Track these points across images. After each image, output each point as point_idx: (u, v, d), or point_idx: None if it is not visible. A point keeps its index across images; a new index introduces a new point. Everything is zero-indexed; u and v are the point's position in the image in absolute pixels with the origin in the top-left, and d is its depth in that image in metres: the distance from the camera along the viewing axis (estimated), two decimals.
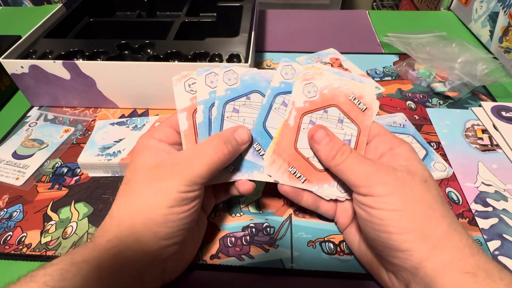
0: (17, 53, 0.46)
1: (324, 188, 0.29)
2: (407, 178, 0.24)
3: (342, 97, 0.29)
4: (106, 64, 0.43)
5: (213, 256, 0.31)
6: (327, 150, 0.27)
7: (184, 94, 0.29)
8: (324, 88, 0.29)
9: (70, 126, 0.46)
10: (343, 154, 0.26)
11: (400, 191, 0.24)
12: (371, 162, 0.26)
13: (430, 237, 0.22)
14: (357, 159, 0.26)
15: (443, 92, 0.49)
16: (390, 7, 1.57)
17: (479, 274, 0.21)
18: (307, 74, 0.29)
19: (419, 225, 0.23)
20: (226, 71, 0.30)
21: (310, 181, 0.29)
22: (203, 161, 0.25)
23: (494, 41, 0.56)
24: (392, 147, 0.27)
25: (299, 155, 0.29)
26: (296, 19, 0.70)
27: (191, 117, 0.29)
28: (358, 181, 0.25)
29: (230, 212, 0.35)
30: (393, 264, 0.25)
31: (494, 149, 0.41)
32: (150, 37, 0.49)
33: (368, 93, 0.29)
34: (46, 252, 0.32)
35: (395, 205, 0.23)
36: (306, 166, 0.29)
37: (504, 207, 0.34)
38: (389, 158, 0.27)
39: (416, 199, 0.24)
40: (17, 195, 0.37)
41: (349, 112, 0.29)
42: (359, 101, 0.29)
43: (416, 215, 0.23)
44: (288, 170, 0.29)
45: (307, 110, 0.29)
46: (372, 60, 0.57)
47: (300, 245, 0.32)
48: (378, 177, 0.25)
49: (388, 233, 0.23)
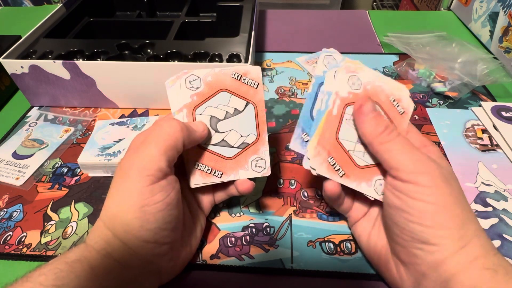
0: (17, 53, 0.46)
1: (362, 186, 0.28)
2: (448, 175, 0.24)
3: (383, 96, 0.28)
4: (106, 64, 0.43)
5: (213, 256, 0.31)
6: (374, 123, 0.26)
7: (183, 91, 0.29)
8: (367, 83, 0.28)
9: (70, 126, 0.46)
10: (391, 133, 0.25)
11: (443, 186, 0.24)
12: (419, 151, 0.25)
13: (464, 236, 0.23)
14: (406, 143, 0.25)
15: (443, 92, 0.49)
16: (390, 7, 1.57)
17: (499, 270, 0.22)
18: (350, 67, 0.28)
19: (456, 224, 0.23)
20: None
21: (348, 176, 0.28)
22: (158, 145, 0.25)
23: (494, 41, 0.56)
24: (424, 145, 0.27)
25: (339, 145, 0.28)
26: (296, 19, 0.70)
27: (191, 114, 0.29)
28: (402, 166, 0.24)
29: (230, 212, 0.35)
30: (414, 255, 0.24)
31: (494, 149, 0.41)
32: (150, 37, 0.49)
33: (406, 98, 0.29)
34: (46, 252, 0.32)
35: (438, 200, 0.23)
36: (346, 160, 0.28)
37: (504, 207, 0.34)
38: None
39: (456, 198, 0.24)
40: (17, 195, 0.37)
41: (388, 112, 0.28)
42: (398, 103, 0.29)
43: (456, 214, 0.23)
44: (327, 161, 0.28)
45: (351, 101, 0.28)
46: (372, 60, 0.57)
47: (300, 245, 0.32)
48: (425, 167, 0.24)
49: (422, 225, 0.23)
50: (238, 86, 0.29)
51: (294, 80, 0.53)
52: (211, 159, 0.30)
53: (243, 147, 0.30)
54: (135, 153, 0.25)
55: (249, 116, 0.30)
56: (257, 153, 0.30)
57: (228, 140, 0.30)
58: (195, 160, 0.29)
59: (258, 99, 0.30)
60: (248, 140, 0.30)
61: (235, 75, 0.29)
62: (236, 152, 0.30)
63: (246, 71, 0.29)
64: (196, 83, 0.29)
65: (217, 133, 0.30)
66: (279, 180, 0.38)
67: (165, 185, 0.25)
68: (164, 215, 0.25)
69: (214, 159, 0.30)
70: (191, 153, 0.29)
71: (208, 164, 0.30)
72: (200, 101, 0.29)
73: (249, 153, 0.30)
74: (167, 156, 0.25)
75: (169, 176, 0.26)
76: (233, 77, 0.29)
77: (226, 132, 0.30)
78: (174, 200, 0.25)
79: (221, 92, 0.29)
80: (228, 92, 0.29)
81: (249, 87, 0.30)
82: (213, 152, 0.30)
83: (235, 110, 0.30)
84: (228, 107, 0.30)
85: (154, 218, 0.24)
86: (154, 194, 0.24)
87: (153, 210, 0.24)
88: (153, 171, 0.24)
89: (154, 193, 0.24)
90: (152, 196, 0.24)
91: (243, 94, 0.30)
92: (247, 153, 0.30)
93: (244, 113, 0.30)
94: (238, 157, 0.30)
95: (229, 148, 0.30)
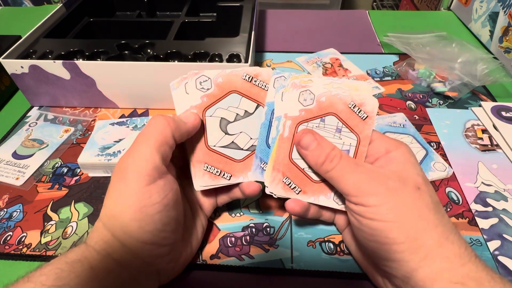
0: (17, 53, 0.46)
1: (320, 200, 0.29)
2: (398, 186, 0.24)
3: (340, 104, 0.27)
4: (106, 64, 0.43)
5: (213, 256, 0.31)
6: (315, 155, 0.26)
7: (193, 92, 0.28)
8: (321, 95, 0.27)
9: (70, 126, 0.46)
10: (333, 160, 0.25)
11: (391, 201, 0.23)
12: (362, 170, 0.25)
13: (421, 247, 0.22)
14: (348, 166, 0.25)
15: (443, 92, 0.49)
16: (390, 7, 1.57)
17: (468, 284, 0.21)
18: (296, 84, 0.28)
19: (410, 236, 0.22)
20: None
21: (305, 192, 0.28)
22: (149, 143, 0.25)
23: (494, 41, 0.56)
24: (388, 150, 0.26)
25: (293, 165, 0.28)
26: (296, 19, 0.70)
27: (201, 115, 0.29)
28: (349, 190, 0.25)
29: (230, 212, 0.35)
30: (384, 271, 0.25)
31: (494, 149, 0.41)
32: (150, 37, 0.49)
33: (368, 99, 0.28)
34: (46, 252, 0.32)
35: (386, 216, 0.23)
36: (301, 177, 0.28)
37: (504, 207, 0.34)
38: (384, 162, 0.26)
39: (408, 209, 0.23)
40: (17, 195, 0.37)
41: (347, 121, 0.28)
42: (359, 108, 0.27)
43: (407, 226, 0.23)
44: (283, 181, 0.28)
45: (303, 119, 0.28)
46: (372, 60, 0.57)
47: (300, 245, 0.32)
48: (369, 187, 0.24)
49: (378, 243, 0.23)
50: (249, 88, 0.29)
51: None
52: (220, 161, 0.29)
53: (253, 149, 0.30)
54: (128, 154, 0.25)
55: (259, 119, 0.30)
56: None
57: (238, 142, 0.30)
58: (203, 161, 0.29)
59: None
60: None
61: (246, 76, 0.29)
62: (246, 155, 0.30)
63: (258, 73, 0.29)
64: (206, 84, 0.28)
65: (226, 135, 0.29)
66: None
67: (163, 185, 0.25)
68: (162, 217, 0.24)
69: (223, 161, 0.29)
70: (199, 155, 0.29)
71: (217, 166, 0.29)
72: (210, 103, 0.29)
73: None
74: (160, 153, 0.25)
75: (166, 175, 0.25)
76: (244, 79, 0.29)
77: (236, 134, 0.30)
78: (172, 201, 0.25)
79: (232, 93, 0.29)
80: (238, 93, 0.29)
81: (260, 89, 0.29)
82: (222, 154, 0.29)
83: (245, 112, 0.29)
84: (239, 109, 0.29)
85: (152, 219, 0.24)
86: (152, 195, 0.24)
87: (151, 211, 0.24)
88: (149, 170, 0.24)
89: (152, 194, 0.24)
90: (150, 197, 0.24)
91: (253, 96, 0.29)
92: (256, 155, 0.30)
93: (254, 116, 0.30)
94: (247, 159, 0.30)
95: (239, 150, 0.30)
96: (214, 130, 0.29)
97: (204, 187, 0.29)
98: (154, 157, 0.24)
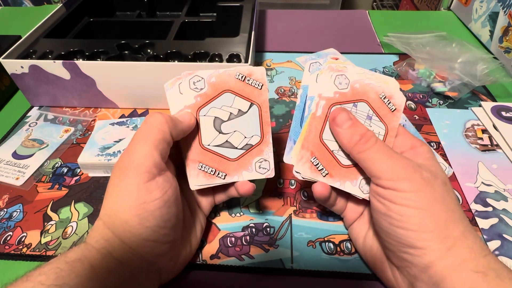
0: (17, 53, 0.46)
1: (346, 185, 0.28)
2: (431, 178, 0.24)
3: (372, 93, 0.28)
4: (106, 64, 0.43)
5: (213, 256, 0.31)
6: (349, 133, 0.26)
7: (187, 92, 0.29)
8: (355, 81, 0.28)
9: (70, 126, 0.46)
10: (368, 141, 0.25)
11: (424, 190, 0.24)
12: (397, 156, 0.25)
13: (448, 238, 0.23)
14: (384, 150, 0.25)
15: (443, 92, 0.49)
16: (390, 7, 1.57)
17: (489, 273, 0.22)
18: (333, 67, 0.28)
19: (439, 226, 0.23)
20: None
21: (332, 176, 0.28)
22: (147, 140, 0.25)
23: (494, 41, 0.56)
24: (414, 146, 0.27)
25: (323, 146, 0.28)
26: (296, 19, 0.70)
27: (195, 115, 0.29)
28: (382, 173, 0.25)
29: (230, 212, 0.35)
30: (403, 259, 0.25)
31: (494, 149, 0.41)
32: (150, 37, 0.49)
33: (397, 93, 0.28)
34: (46, 252, 0.32)
35: (418, 203, 0.23)
36: (330, 159, 0.28)
37: (504, 207, 0.34)
38: (411, 156, 0.26)
39: (438, 200, 0.24)
40: (17, 195, 0.37)
41: (378, 110, 0.28)
42: (389, 100, 0.28)
43: (438, 216, 0.23)
44: (310, 161, 0.28)
45: (337, 101, 0.28)
46: (372, 60, 0.57)
47: (300, 245, 0.32)
48: (404, 173, 0.24)
49: (406, 229, 0.23)
50: (242, 87, 0.29)
51: (294, 80, 0.53)
52: (214, 160, 0.29)
53: (247, 148, 0.30)
54: (127, 152, 0.25)
55: (253, 117, 0.30)
56: (261, 155, 0.30)
57: (232, 141, 0.30)
58: (198, 161, 0.29)
59: (262, 100, 0.30)
60: (252, 142, 0.30)
61: (239, 76, 0.29)
62: (240, 154, 0.30)
63: (251, 72, 0.29)
64: (200, 84, 0.29)
65: (220, 134, 0.29)
66: (279, 180, 0.38)
67: (162, 182, 0.25)
68: (162, 213, 0.24)
69: (217, 160, 0.29)
70: (194, 154, 0.29)
71: (212, 165, 0.29)
72: (204, 102, 0.29)
73: (253, 154, 0.30)
74: (159, 150, 0.25)
75: (165, 172, 0.26)
76: (237, 78, 0.29)
77: (230, 133, 0.30)
78: (172, 197, 0.25)
79: (225, 93, 0.29)
80: (232, 93, 0.29)
81: (253, 88, 0.29)
82: (217, 153, 0.29)
83: (239, 111, 0.29)
84: (232, 108, 0.29)
85: (152, 215, 0.24)
86: (152, 191, 0.24)
87: (151, 207, 0.24)
88: (148, 167, 0.24)
89: (152, 190, 0.24)
90: (150, 193, 0.24)
91: (247, 95, 0.29)
92: (251, 154, 0.30)
93: (248, 114, 0.30)
94: (242, 158, 0.30)
95: (233, 149, 0.30)
96: (208, 130, 0.29)
97: (199, 186, 0.30)
98: (153, 154, 0.25)
